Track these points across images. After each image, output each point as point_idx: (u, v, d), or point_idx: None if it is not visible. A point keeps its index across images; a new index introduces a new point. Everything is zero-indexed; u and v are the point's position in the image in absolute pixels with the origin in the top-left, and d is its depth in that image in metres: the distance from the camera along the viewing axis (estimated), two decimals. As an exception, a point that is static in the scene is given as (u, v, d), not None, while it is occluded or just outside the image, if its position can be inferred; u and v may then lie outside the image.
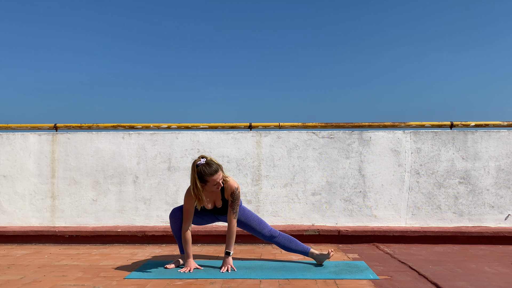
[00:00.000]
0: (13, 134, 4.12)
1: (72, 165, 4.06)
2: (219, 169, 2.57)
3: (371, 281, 2.37)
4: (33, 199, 4.05)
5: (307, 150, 4.00)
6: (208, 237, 3.67)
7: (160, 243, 3.70)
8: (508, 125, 4.01)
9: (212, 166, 2.55)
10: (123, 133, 4.09)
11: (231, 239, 2.72)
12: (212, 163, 2.57)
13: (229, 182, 2.68)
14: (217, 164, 2.59)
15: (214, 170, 2.54)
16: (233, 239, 2.73)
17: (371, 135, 4.00)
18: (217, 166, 2.57)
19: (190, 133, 4.07)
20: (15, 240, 3.76)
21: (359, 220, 3.92)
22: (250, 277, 2.46)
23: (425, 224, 3.89)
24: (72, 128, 4.17)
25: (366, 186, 3.94)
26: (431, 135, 3.97)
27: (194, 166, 2.58)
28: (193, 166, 2.59)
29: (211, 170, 2.54)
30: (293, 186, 3.97)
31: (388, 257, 3.07)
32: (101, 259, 3.06)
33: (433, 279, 2.38)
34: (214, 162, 2.59)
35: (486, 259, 2.98)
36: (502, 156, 3.93)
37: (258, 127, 4.11)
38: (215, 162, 2.60)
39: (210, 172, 2.53)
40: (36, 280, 2.44)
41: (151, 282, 2.37)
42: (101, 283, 2.37)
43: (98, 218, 4.01)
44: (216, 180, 2.56)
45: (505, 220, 3.87)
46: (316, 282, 2.34)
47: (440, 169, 3.93)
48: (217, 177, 2.56)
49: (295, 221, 3.94)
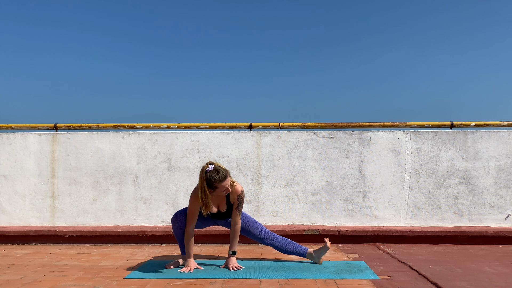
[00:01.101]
0: (13, 134, 4.12)
1: (72, 165, 4.06)
2: (227, 175, 2.58)
3: (371, 281, 2.37)
4: (33, 199, 4.05)
5: (307, 150, 4.00)
6: (208, 237, 3.67)
7: (160, 243, 3.70)
8: (508, 125, 4.01)
9: (221, 173, 2.56)
10: (123, 133, 4.09)
11: (235, 239, 2.76)
12: (221, 170, 2.58)
13: (235, 187, 2.71)
14: (225, 170, 2.60)
15: (223, 177, 2.55)
16: (237, 239, 2.77)
17: (371, 135, 4.00)
18: (225, 172, 2.58)
19: (190, 133, 4.07)
20: (15, 240, 3.76)
21: (359, 220, 3.92)
22: (250, 277, 2.46)
23: (425, 224, 3.88)
24: (72, 128, 4.17)
25: (366, 186, 3.94)
26: (431, 135, 3.97)
27: (203, 173, 2.57)
28: (202, 173, 2.58)
29: (220, 176, 2.55)
30: (293, 186, 3.97)
31: (388, 257, 3.07)
32: (101, 259, 3.06)
33: (433, 279, 2.38)
34: (222, 168, 2.59)
35: (486, 259, 2.98)
36: (502, 156, 3.93)
37: (258, 127, 4.11)
38: (223, 168, 2.61)
39: (219, 178, 2.54)
40: (36, 280, 2.44)
41: (151, 282, 2.37)
42: (101, 283, 2.37)
43: (98, 218, 4.01)
44: (225, 186, 2.57)
45: (505, 220, 3.86)
46: (316, 282, 2.34)
47: (440, 169, 3.93)
48: (226, 183, 2.57)
49: (295, 221, 3.94)
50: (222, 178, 2.55)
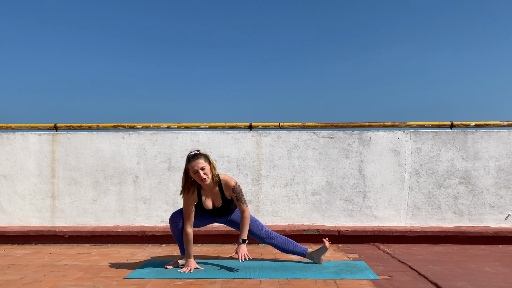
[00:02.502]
0: (13, 134, 4.12)
1: (72, 165, 4.06)
2: (200, 158, 2.60)
3: (371, 281, 2.37)
4: (33, 199, 4.05)
5: (307, 150, 4.00)
6: (208, 237, 3.67)
7: (160, 243, 3.71)
8: (508, 125, 4.01)
9: (194, 154, 2.62)
10: (123, 133, 4.09)
11: (245, 226, 2.73)
12: (197, 152, 2.64)
13: (227, 180, 2.70)
14: (204, 156, 2.64)
15: (195, 156, 2.60)
16: (247, 227, 2.74)
17: (371, 135, 4.00)
18: (201, 156, 2.61)
19: (190, 133, 4.07)
20: (15, 240, 3.76)
21: (359, 220, 3.92)
22: (250, 277, 2.46)
23: (425, 224, 3.89)
24: (72, 128, 4.17)
25: (366, 186, 3.94)
26: (431, 135, 3.97)
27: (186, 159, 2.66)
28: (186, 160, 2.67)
29: (192, 156, 2.61)
30: (293, 186, 3.97)
31: (388, 257, 3.07)
32: (101, 259, 3.06)
33: (433, 279, 2.38)
34: (202, 154, 2.64)
35: (486, 259, 2.98)
36: (502, 156, 3.93)
37: (258, 127, 4.11)
38: (204, 154, 2.66)
39: (190, 158, 2.60)
40: (36, 280, 2.44)
41: (151, 282, 2.37)
42: (101, 283, 2.37)
43: (98, 218, 4.02)
44: (194, 167, 2.58)
45: (505, 220, 3.86)
46: (316, 282, 2.34)
47: (440, 169, 3.93)
48: (196, 164, 2.57)
49: (295, 221, 3.94)
50: (192, 159, 2.59)
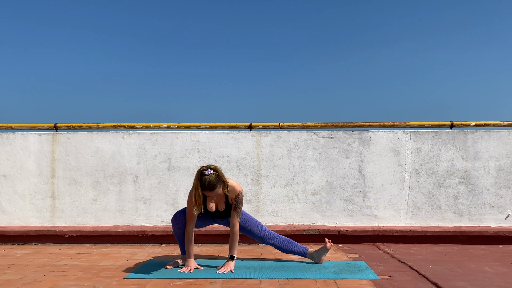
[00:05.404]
0: (13, 134, 4.12)
1: (72, 165, 4.06)
2: (217, 187, 2.49)
3: (371, 281, 2.37)
4: (33, 199, 4.05)
5: (307, 150, 4.00)
6: (208, 237, 3.67)
7: (160, 243, 3.71)
8: (508, 125, 4.01)
9: (212, 183, 2.47)
10: (123, 133, 4.09)
11: (235, 242, 2.68)
12: (213, 180, 2.48)
13: (234, 187, 2.65)
14: (219, 181, 2.50)
15: (212, 187, 2.47)
16: (236, 242, 2.68)
17: (371, 135, 4.00)
18: (216, 182, 2.48)
19: (190, 133, 4.07)
20: (15, 240, 3.76)
21: (359, 220, 3.92)
22: (250, 277, 2.46)
23: (425, 224, 3.89)
24: (72, 128, 4.17)
25: (366, 186, 3.94)
26: (431, 135, 3.97)
27: (199, 173, 2.52)
28: (198, 173, 2.53)
29: (210, 185, 2.47)
30: (293, 186, 3.97)
31: (388, 257, 3.07)
32: (101, 259, 3.06)
33: (433, 279, 2.38)
34: (217, 177, 2.50)
35: (486, 259, 2.98)
36: (502, 156, 3.93)
37: (258, 127, 4.11)
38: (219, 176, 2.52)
39: (208, 186, 2.48)
40: (36, 280, 2.44)
41: (151, 282, 2.37)
42: (101, 283, 2.37)
43: (98, 218, 4.02)
44: (212, 196, 2.59)
45: (505, 220, 3.87)
46: (316, 282, 2.34)
47: (440, 169, 3.93)
48: (212, 194, 2.52)
49: (295, 221, 3.94)
50: (210, 188, 2.48)
